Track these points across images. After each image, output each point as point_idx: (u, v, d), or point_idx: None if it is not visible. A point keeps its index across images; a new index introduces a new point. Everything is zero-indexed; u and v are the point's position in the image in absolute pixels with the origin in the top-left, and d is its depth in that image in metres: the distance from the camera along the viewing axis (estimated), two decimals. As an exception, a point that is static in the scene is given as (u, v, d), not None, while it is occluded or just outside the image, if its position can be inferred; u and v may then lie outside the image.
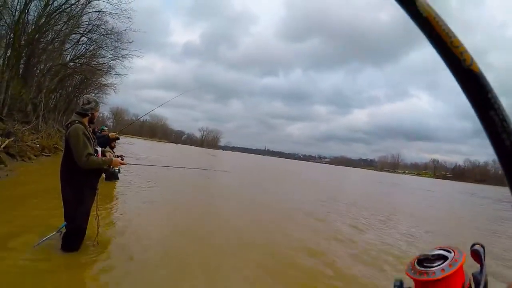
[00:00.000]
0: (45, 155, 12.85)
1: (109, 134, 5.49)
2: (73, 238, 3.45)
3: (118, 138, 6.23)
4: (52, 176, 3.43)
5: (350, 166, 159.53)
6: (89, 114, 3.56)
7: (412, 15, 0.26)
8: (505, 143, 0.23)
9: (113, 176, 8.77)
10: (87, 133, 3.38)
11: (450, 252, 0.58)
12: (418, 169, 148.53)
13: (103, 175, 3.64)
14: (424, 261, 0.59)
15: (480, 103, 0.24)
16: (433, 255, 0.58)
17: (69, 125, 3.46)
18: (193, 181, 12.49)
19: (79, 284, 3.00)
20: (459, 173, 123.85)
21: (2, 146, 9.37)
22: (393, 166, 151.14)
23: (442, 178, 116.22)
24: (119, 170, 8.83)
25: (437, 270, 0.55)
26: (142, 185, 9.11)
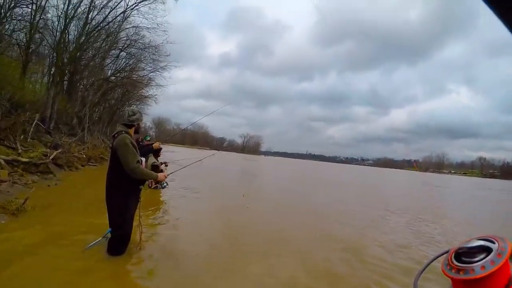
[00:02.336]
0: (91, 165, 13.56)
1: (153, 145, 5.69)
2: (119, 243, 3.63)
3: (161, 149, 6.46)
4: (98, 185, 3.69)
5: (394, 168, 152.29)
6: (135, 125, 3.74)
7: None
8: None
9: (159, 184, 9.00)
10: (134, 143, 3.53)
11: (494, 243, 0.45)
12: (464, 168, 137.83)
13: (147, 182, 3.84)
14: (463, 254, 0.47)
15: None
16: (472, 247, 0.46)
17: (116, 135, 3.62)
18: (233, 186, 12.66)
19: (124, 285, 3.17)
20: (508, 171, 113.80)
21: (51, 158, 9.93)
22: (438, 166, 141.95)
23: (490, 177, 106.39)
24: (166, 183, 9.20)
25: (477, 267, 0.44)
26: (186, 193, 9.25)
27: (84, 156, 13.64)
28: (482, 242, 0.46)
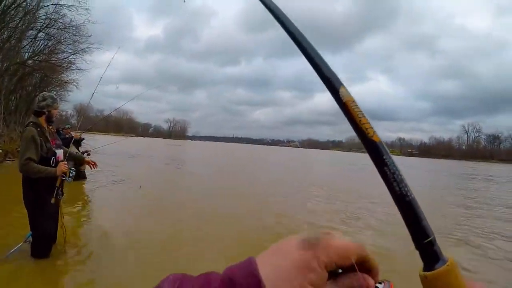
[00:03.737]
0: (8, 160, 12.33)
1: (74, 135, 5.23)
2: (41, 245, 3.37)
3: (82, 139, 5.93)
4: (17, 183, 3.30)
5: (319, 148, 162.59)
6: (45, 112, 3.35)
7: (336, 99, 0.38)
8: (395, 189, 0.33)
9: (80, 176, 8.24)
10: (36, 136, 3.16)
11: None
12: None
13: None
14: None
15: (379, 161, 0.35)
16: None
17: (24, 127, 3.32)
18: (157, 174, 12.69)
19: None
20: (425, 150, 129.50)
21: None
22: (360, 146, 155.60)
23: (408, 155, 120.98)
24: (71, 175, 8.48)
25: None
26: (109, 182, 8.87)
27: (1, 151, 12.46)
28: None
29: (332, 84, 0.39)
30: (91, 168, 4.13)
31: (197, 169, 16.35)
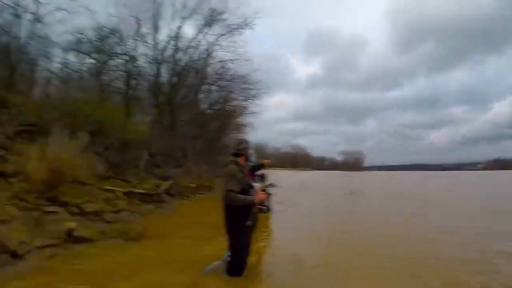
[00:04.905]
0: (200, 193, 14.42)
1: (264, 161, 5.64)
2: (237, 266, 3.78)
3: (271, 166, 6.41)
4: (210, 211, 4.04)
5: (509, 169, 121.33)
6: (243, 153, 3.92)
7: None
8: None
9: (266, 208, 9.03)
10: (236, 172, 3.67)
11: None
12: None
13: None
14: None
15: None
16: None
17: (226, 165, 3.86)
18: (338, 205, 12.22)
19: None
20: None
21: (163, 188, 10.91)
22: None
23: None
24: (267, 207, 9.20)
25: None
26: (295, 214, 9.33)
27: (194, 185, 14.49)
28: None
29: None
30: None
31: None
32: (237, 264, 3.76)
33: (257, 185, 3.93)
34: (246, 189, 3.73)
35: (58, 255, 4.31)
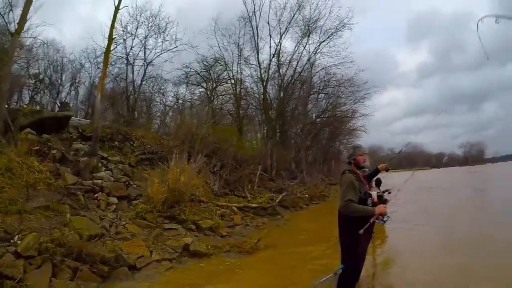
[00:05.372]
0: (314, 203, 14.31)
1: (379, 166, 5.50)
2: (347, 279, 3.64)
3: (388, 169, 6.07)
4: (324, 222, 4.13)
5: None
6: (351, 161, 3.82)
7: None
8: None
9: (379, 219, 8.50)
10: (354, 182, 3.57)
11: None
12: None
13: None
14: None
15: None
16: None
17: (341, 174, 3.83)
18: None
19: None
20: None
21: (277, 201, 11.23)
22: None
23: None
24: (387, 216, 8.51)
25: None
26: (412, 222, 8.36)
27: (307, 196, 14.56)
28: None
29: None
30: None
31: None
32: (348, 277, 3.60)
33: (374, 193, 3.61)
34: (364, 198, 3.58)
35: (173, 268, 4.83)
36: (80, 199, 6.26)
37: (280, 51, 17.50)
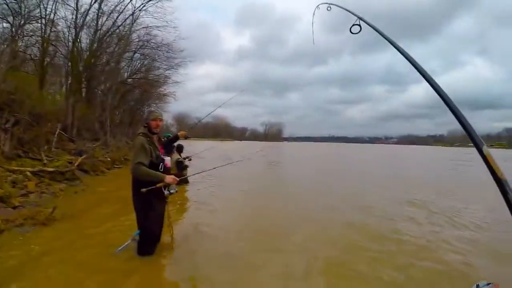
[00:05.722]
0: (116, 167, 13.86)
1: (179, 133, 5.64)
2: (147, 244, 3.70)
3: (187, 137, 6.38)
4: (124, 187, 3.91)
5: (419, 144, 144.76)
6: (146, 125, 3.77)
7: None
8: None
9: (182, 180, 9.01)
10: (145, 144, 3.52)
11: None
12: (492, 141, 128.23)
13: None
14: None
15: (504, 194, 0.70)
16: None
17: (135, 137, 3.76)
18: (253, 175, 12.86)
19: (154, 283, 3.29)
20: None
21: (76, 164, 10.26)
22: (464, 139, 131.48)
23: None
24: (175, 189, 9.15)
25: None
26: (209, 186, 9.45)
27: (109, 159, 14.01)
28: None
29: (476, 143, 0.64)
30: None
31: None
32: (146, 242, 3.66)
33: (168, 158, 3.84)
34: (156, 163, 3.59)
35: None
36: None
37: (105, -2, 15.43)
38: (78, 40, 14.32)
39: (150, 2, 17.57)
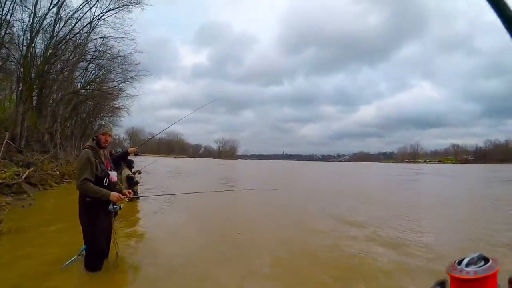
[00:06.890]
0: (65, 181, 13.06)
1: (129, 150, 5.46)
2: (94, 259, 3.59)
3: (137, 154, 6.23)
4: (73, 202, 3.69)
5: (370, 161, 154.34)
6: (94, 138, 3.66)
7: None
8: None
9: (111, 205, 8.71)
10: (91, 158, 3.44)
11: (488, 261, 0.62)
12: (439, 156, 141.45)
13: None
14: (464, 261, 0.63)
15: None
16: (472, 258, 0.63)
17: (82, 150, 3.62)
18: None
19: None
20: (481, 155, 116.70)
21: (23, 177, 9.56)
22: (413, 156, 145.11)
23: (464, 162, 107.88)
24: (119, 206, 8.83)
25: (471, 271, 0.60)
26: (160, 201, 9.17)
27: (58, 173, 13.25)
28: (480, 257, 0.63)
29: None
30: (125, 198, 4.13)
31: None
32: (93, 257, 3.58)
33: (114, 173, 3.76)
34: (100, 177, 3.53)
35: None
36: None
37: (65, 3, 14.73)
38: (33, 44, 13.44)
39: (110, 12, 17.11)
